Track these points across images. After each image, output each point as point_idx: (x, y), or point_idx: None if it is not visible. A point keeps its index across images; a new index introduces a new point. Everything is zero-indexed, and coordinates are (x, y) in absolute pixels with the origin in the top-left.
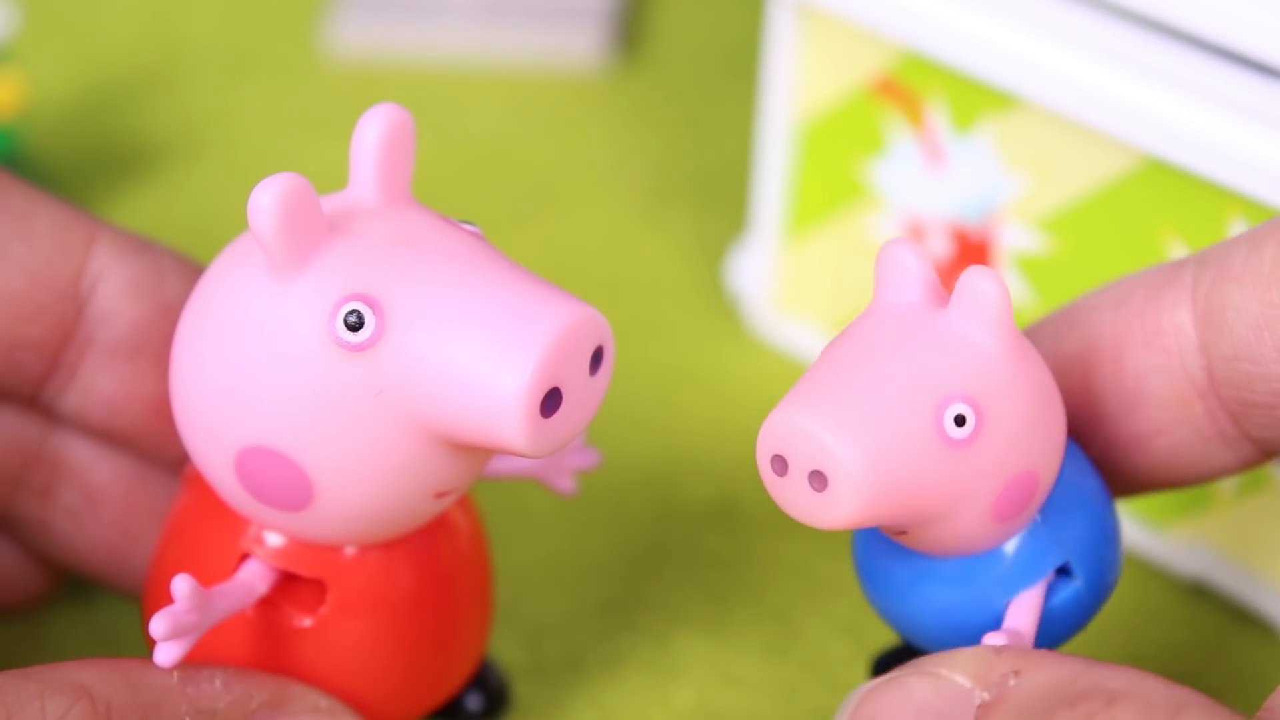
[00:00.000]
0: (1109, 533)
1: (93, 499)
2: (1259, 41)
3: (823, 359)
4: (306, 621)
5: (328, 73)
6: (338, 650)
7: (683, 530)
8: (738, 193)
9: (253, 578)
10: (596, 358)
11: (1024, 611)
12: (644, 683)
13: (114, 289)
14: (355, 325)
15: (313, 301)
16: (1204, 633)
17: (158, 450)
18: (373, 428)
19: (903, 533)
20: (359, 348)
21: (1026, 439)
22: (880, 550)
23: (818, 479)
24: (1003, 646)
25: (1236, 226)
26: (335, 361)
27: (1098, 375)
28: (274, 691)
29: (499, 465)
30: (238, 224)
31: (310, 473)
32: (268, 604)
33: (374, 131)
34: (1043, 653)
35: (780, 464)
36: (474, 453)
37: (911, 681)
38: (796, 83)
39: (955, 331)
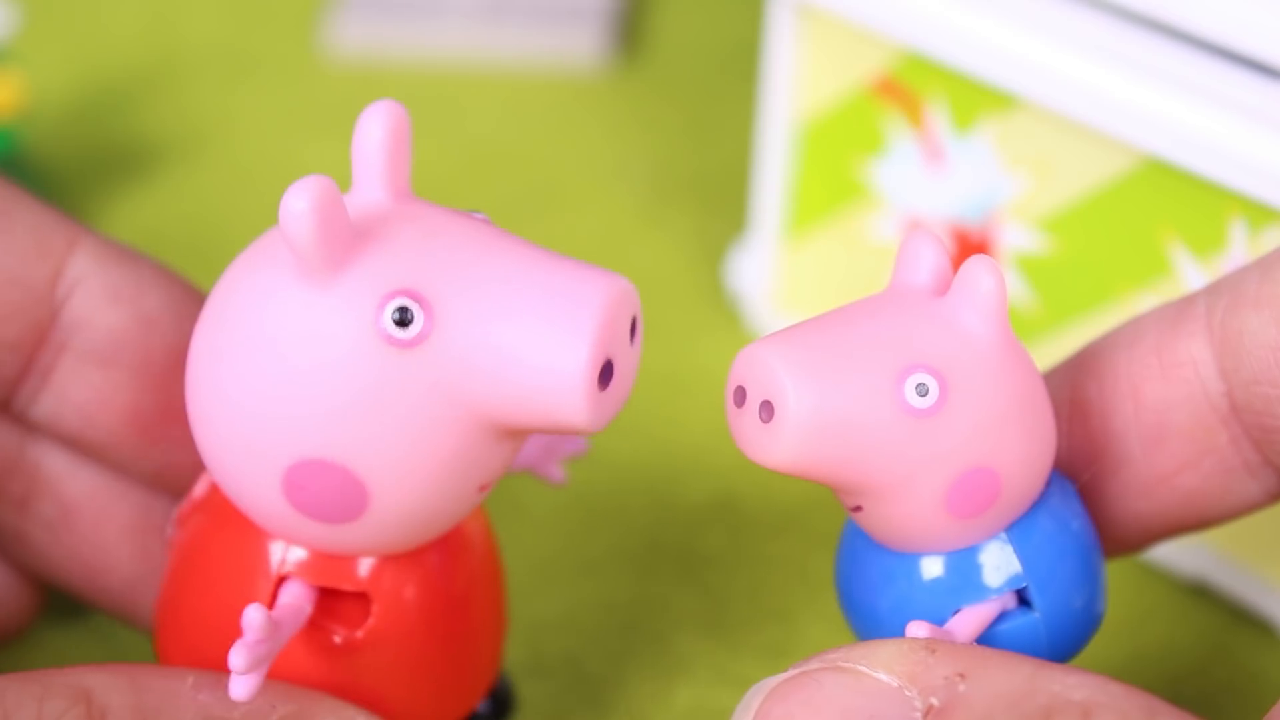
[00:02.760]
0: (1083, 578)
1: (68, 511)
2: (1259, 41)
3: (814, 316)
4: (358, 634)
5: (328, 73)
6: (384, 663)
7: (682, 530)
8: (738, 193)
9: (298, 599)
10: (632, 326)
11: (965, 623)
12: (644, 683)
13: (91, 295)
14: (404, 321)
15: (356, 303)
16: (1204, 633)
17: (131, 462)
18: (427, 423)
19: (858, 509)
20: (410, 344)
21: (994, 434)
22: (851, 543)
23: (766, 410)
24: (933, 641)
25: (1236, 226)
26: (386, 361)
27: (1117, 416)
28: (300, 703)
29: None
30: (238, 224)
31: (365, 479)
32: (308, 625)
33: (377, 130)
34: (981, 650)
35: (741, 395)
36: (516, 441)
37: (825, 677)
38: (796, 83)
39: (945, 314)
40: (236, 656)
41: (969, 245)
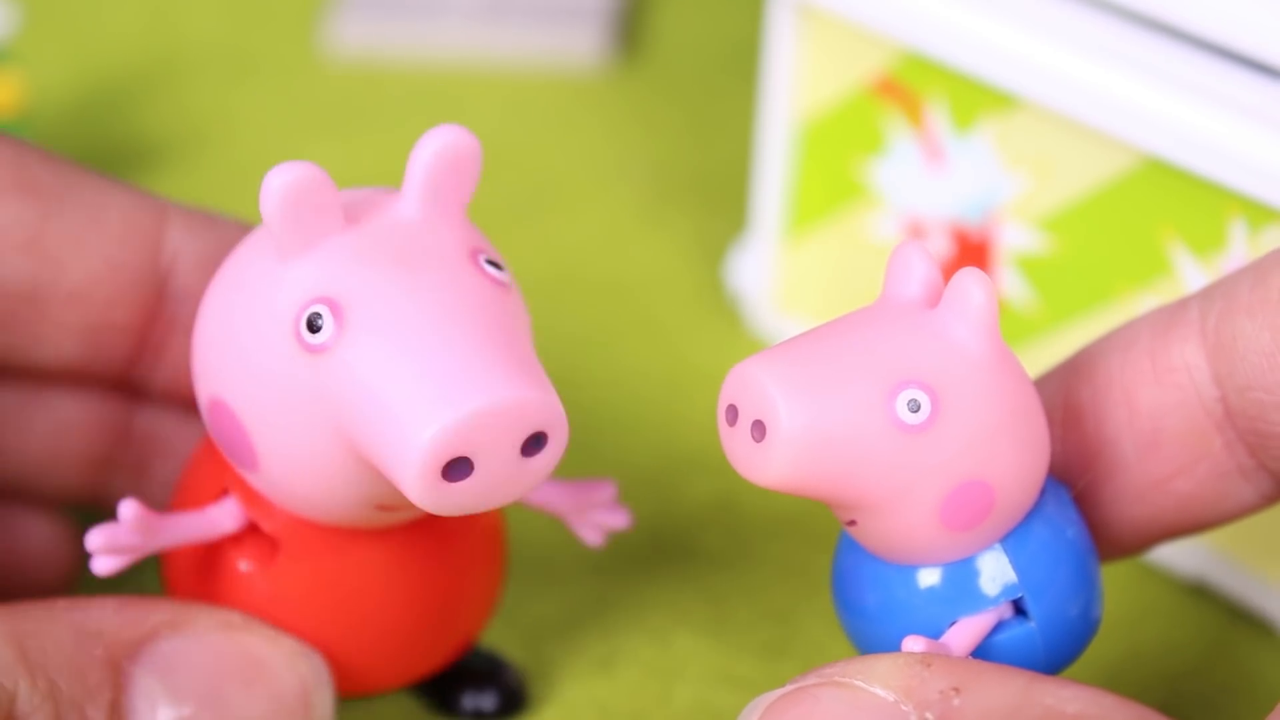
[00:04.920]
0: (1079, 586)
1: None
2: (1259, 41)
3: (804, 332)
4: (244, 565)
5: (328, 73)
6: (278, 606)
7: (683, 529)
8: (738, 193)
9: (222, 514)
10: (539, 442)
11: (961, 634)
12: (644, 682)
13: (189, 266)
14: (315, 328)
15: (292, 290)
16: (1204, 632)
17: None
18: (309, 424)
19: (853, 523)
20: (312, 350)
21: (986, 446)
22: (846, 555)
23: (758, 429)
24: (929, 656)
25: (1236, 226)
26: (291, 352)
27: (1111, 421)
28: (175, 613)
29: (529, 497)
30: None
31: (255, 441)
32: (231, 543)
33: (426, 149)
34: (977, 664)
35: (733, 413)
36: None
37: (822, 692)
38: (796, 83)
39: (936, 327)
40: (92, 537)
41: (969, 245)
